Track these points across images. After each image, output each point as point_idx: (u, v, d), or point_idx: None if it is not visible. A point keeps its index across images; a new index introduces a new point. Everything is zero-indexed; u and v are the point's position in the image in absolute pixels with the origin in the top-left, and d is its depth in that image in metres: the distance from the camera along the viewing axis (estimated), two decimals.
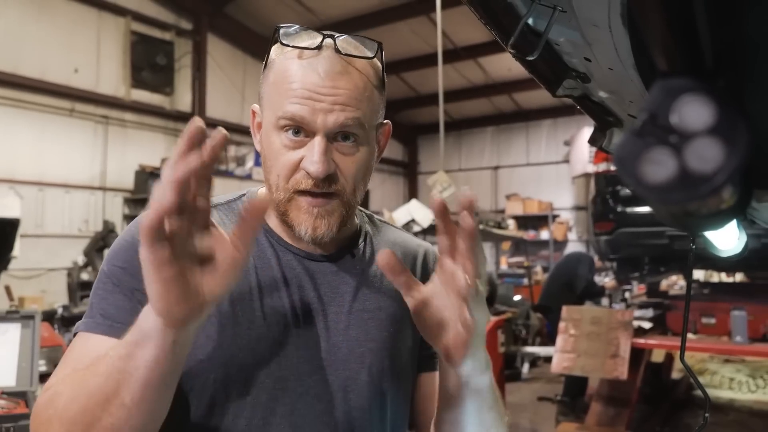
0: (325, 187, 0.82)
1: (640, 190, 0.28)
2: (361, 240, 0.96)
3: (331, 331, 0.85)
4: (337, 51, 0.82)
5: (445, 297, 0.69)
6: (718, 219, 0.38)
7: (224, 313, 0.80)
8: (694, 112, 0.28)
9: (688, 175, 0.27)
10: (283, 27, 0.84)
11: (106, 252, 0.85)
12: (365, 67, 0.85)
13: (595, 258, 6.27)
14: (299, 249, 0.89)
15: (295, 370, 0.81)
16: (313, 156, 0.79)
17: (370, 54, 0.85)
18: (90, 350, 0.75)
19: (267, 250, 0.88)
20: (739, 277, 7.26)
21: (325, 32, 0.83)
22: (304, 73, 0.81)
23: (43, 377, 2.33)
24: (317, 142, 0.80)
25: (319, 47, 0.82)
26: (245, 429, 0.79)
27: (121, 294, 0.79)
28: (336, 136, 0.82)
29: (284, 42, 0.83)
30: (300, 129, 0.81)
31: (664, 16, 0.29)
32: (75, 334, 0.80)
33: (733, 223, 0.91)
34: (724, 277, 8.06)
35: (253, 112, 0.92)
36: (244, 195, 0.94)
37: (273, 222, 0.90)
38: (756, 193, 0.81)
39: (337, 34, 0.84)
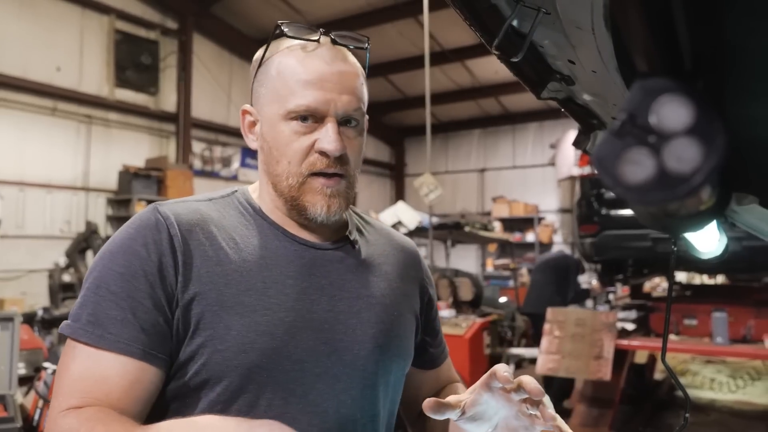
0: (336, 167, 0.88)
1: (618, 190, 0.29)
2: (353, 229, 1.01)
3: (344, 315, 0.90)
4: (335, 42, 0.90)
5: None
6: (697, 220, 0.39)
7: (241, 303, 0.84)
8: (672, 113, 0.28)
9: (666, 175, 0.28)
10: (284, 24, 0.90)
11: (101, 251, 0.85)
12: (356, 60, 0.93)
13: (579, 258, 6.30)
14: (305, 240, 0.93)
15: (313, 351, 0.85)
16: (329, 136, 0.86)
17: (363, 45, 0.93)
18: (85, 367, 0.78)
19: (273, 242, 0.91)
20: (720, 279, 7.35)
21: (321, 29, 0.90)
22: (311, 62, 0.87)
23: (23, 380, 2.30)
24: (330, 125, 0.86)
25: (318, 39, 0.89)
26: (266, 409, 0.82)
27: (114, 303, 0.79)
28: (341, 122, 0.88)
29: (290, 35, 0.89)
30: (309, 116, 0.87)
31: (643, 17, 0.29)
32: (61, 335, 0.82)
33: (714, 225, 0.92)
34: (706, 279, 8.16)
35: (245, 112, 0.95)
36: (236, 191, 0.98)
37: (277, 216, 0.93)
38: (736, 196, 0.82)
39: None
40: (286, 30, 0.89)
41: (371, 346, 0.91)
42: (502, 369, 0.74)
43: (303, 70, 0.86)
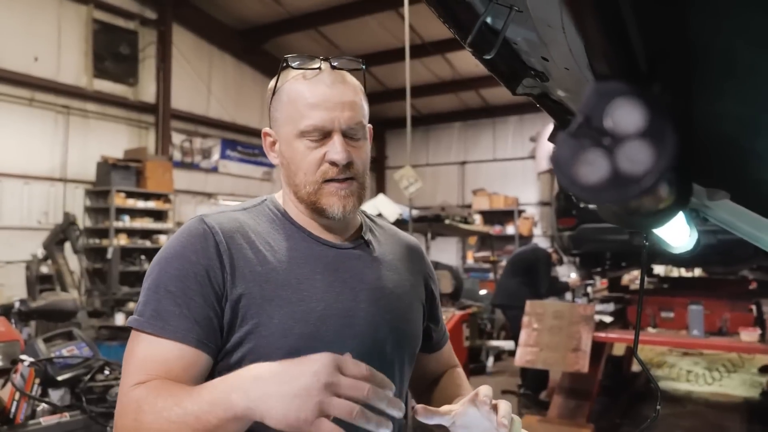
0: (345, 172, 1.05)
1: (574, 189, 0.29)
2: (367, 231, 1.18)
3: (364, 303, 1.07)
4: (334, 67, 1.06)
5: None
6: (659, 217, 0.39)
7: (279, 296, 1.01)
8: (625, 116, 0.28)
9: (619, 176, 0.28)
10: (289, 57, 1.06)
11: (158, 257, 1.02)
12: (355, 80, 1.10)
13: (550, 250, 6.37)
14: (327, 240, 1.10)
15: (339, 335, 1.02)
16: (336, 148, 1.02)
17: (359, 68, 1.10)
18: (149, 352, 0.95)
19: (301, 243, 1.08)
20: (697, 272, 7.47)
21: (321, 57, 1.08)
22: (315, 87, 1.04)
23: (0, 372, 2.26)
24: (336, 138, 1.03)
25: (320, 67, 1.05)
26: None
27: (172, 300, 0.96)
28: (346, 134, 1.05)
29: (294, 66, 1.06)
30: (317, 133, 1.03)
31: (595, 22, 0.30)
32: (130, 329, 0.99)
33: (683, 220, 0.94)
34: (683, 272, 8.29)
35: (266, 134, 1.13)
36: (266, 200, 1.15)
37: (302, 220, 1.10)
38: (708, 192, 0.84)
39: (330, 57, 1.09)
40: (291, 63, 1.06)
41: (387, 330, 1.08)
42: (484, 391, 0.98)
43: (309, 95, 1.03)
